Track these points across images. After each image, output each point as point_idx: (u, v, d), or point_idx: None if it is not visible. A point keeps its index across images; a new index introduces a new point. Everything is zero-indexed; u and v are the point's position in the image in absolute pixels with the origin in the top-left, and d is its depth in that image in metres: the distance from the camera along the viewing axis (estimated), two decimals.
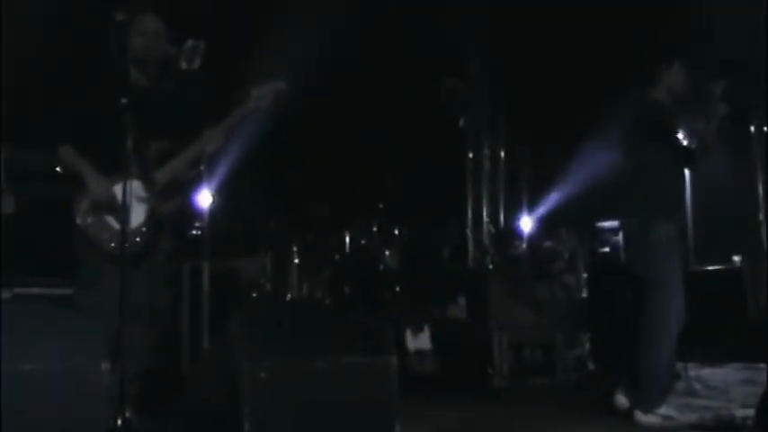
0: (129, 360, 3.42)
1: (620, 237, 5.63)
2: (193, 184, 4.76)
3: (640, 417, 4.87)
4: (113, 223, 4.10)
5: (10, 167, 5.54)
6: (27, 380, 2.89)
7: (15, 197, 5.48)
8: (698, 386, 5.88)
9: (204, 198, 6.71)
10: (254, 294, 6.97)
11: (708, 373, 6.26)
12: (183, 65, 4.14)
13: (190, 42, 4.10)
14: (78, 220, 4.11)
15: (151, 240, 4.15)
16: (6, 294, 5.03)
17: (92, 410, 2.96)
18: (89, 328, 3.12)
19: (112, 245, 4.06)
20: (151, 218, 4.15)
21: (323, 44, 7.92)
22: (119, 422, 3.41)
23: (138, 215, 4.12)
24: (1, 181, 5.55)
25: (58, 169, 4.42)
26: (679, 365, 5.62)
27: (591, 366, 7.08)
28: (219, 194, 6.85)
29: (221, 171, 7.05)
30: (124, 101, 3.76)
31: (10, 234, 5.35)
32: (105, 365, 2.95)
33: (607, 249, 7.57)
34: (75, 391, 2.95)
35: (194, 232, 6.78)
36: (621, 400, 5.04)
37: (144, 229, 4.12)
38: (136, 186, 4.11)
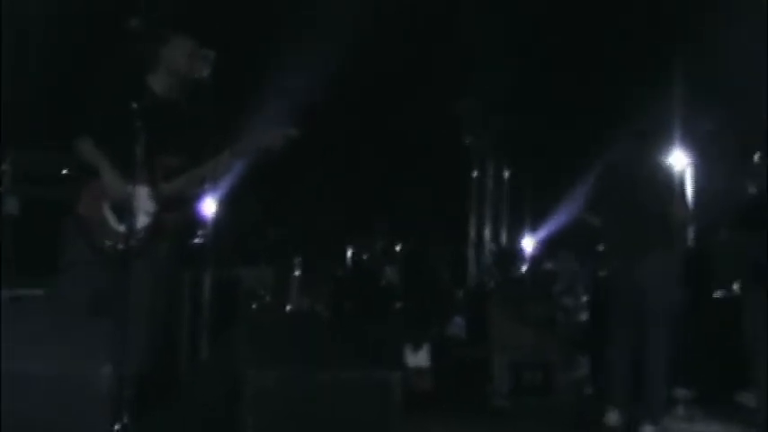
0: (127, 363, 3.40)
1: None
2: (196, 199, 4.75)
3: (648, 428, 4.92)
4: (112, 221, 4.10)
5: (16, 169, 5.54)
6: (27, 382, 2.86)
7: (19, 199, 5.48)
8: (698, 413, 5.86)
9: (208, 207, 6.70)
10: (254, 305, 6.95)
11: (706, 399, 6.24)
12: (194, 73, 4.16)
13: (201, 51, 4.12)
14: (80, 210, 4.10)
15: (148, 246, 4.13)
16: (7, 295, 5.02)
17: (91, 414, 2.93)
18: (90, 331, 3.10)
19: (108, 243, 4.05)
20: (152, 225, 4.14)
21: (329, 63, 7.96)
22: (117, 427, 3.39)
23: (140, 220, 4.12)
24: (5, 182, 5.55)
25: (64, 171, 4.42)
26: (679, 391, 5.62)
27: (589, 389, 7.06)
28: (223, 204, 6.84)
29: (226, 181, 7.04)
30: (135, 106, 3.76)
31: (13, 235, 5.34)
32: (105, 369, 2.93)
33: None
34: (75, 395, 2.92)
35: (196, 241, 6.77)
36: (613, 417, 5.06)
37: (142, 234, 4.11)
38: (143, 192, 4.12)
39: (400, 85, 9.05)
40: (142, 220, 4.12)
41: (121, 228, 4.07)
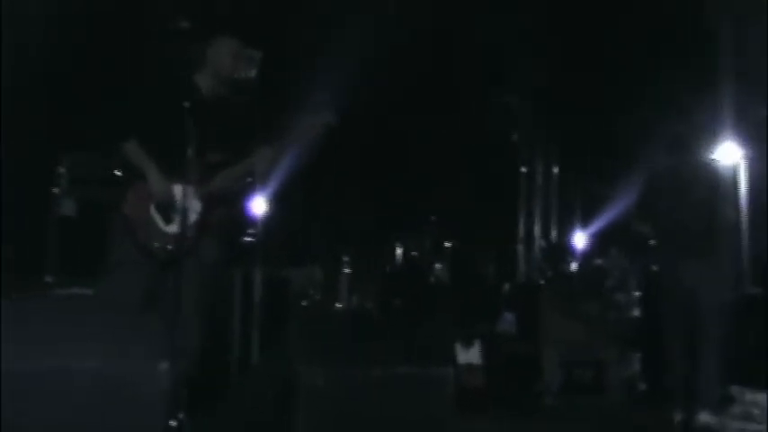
0: (180, 361, 3.43)
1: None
2: (241, 195, 4.78)
3: (707, 418, 4.88)
4: (159, 222, 4.14)
5: (71, 171, 5.65)
6: (83, 380, 2.90)
7: (75, 200, 5.58)
8: (755, 411, 5.75)
9: (258, 206, 6.76)
10: (304, 304, 6.99)
11: (764, 398, 6.12)
12: (241, 74, 4.19)
13: (247, 52, 4.15)
14: (126, 211, 4.15)
15: (195, 245, 4.16)
16: (62, 294, 5.13)
17: (147, 411, 2.97)
18: (145, 329, 3.14)
19: (156, 244, 4.09)
20: (198, 223, 4.17)
21: (373, 58, 7.96)
22: (172, 423, 3.44)
23: (186, 219, 4.15)
24: (62, 185, 5.66)
25: (116, 173, 4.47)
26: (735, 389, 5.54)
27: (642, 386, 6.98)
28: (273, 203, 6.89)
29: (275, 181, 7.09)
30: (187, 105, 3.81)
31: (71, 235, 5.45)
32: (161, 367, 2.97)
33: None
34: (131, 392, 2.96)
35: (247, 240, 6.83)
36: (706, 417, 5.04)
37: (189, 233, 4.14)
38: (188, 192, 4.16)
39: (448, 81, 9.02)
40: (189, 219, 4.16)
41: (168, 228, 4.13)
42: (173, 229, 4.13)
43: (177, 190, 4.13)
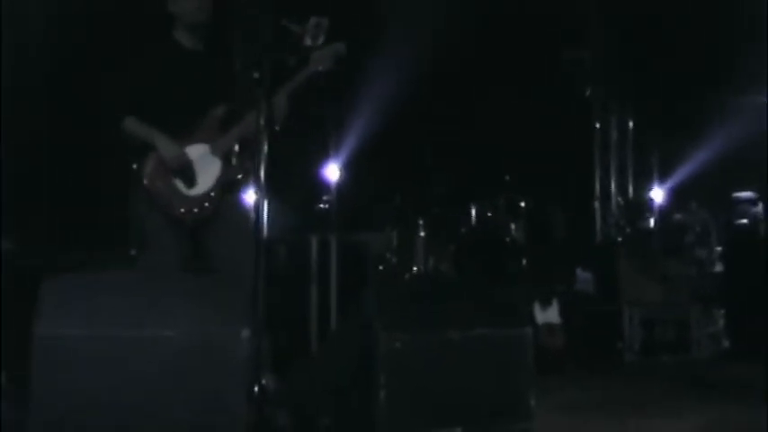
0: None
1: (760, 207, 5.48)
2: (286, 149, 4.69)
3: None
4: (182, 188, 4.13)
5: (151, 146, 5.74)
6: (167, 347, 2.96)
7: None
8: None
9: (332, 172, 6.80)
10: (381, 268, 7.02)
11: None
12: (308, 42, 4.16)
13: (313, 19, 4.12)
14: (146, 183, 4.15)
15: (222, 203, 4.12)
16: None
17: (231, 377, 3.02)
18: (230, 295, 3.19)
19: (182, 210, 4.08)
20: (220, 183, 4.12)
21: (441, 17, 7.87)
22: (256, 388, 3.51)
23: (206, 180, 4.15)
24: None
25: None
26: None
27: (726, 343, 6.85)
28: (347, 168, 6.92)
29: (348, 145, 7.13)
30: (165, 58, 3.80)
31: None
32: (245, 332, 3.02)
33: (745, 221, 7.28)
34: (215, 358, 3.02)
35: (322, 206, 6.88)
36: None
37: (212, 194, 4.13)
38: (203, 150, 4.13)
39: (518, 37, 8.89)
40: (206, 180, 4.15)
41: (191, 192, 4.13)
42: (196, 192, 4.12)
43: (193, 151, 4.11)
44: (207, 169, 4.11)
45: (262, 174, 3.23)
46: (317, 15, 4.13)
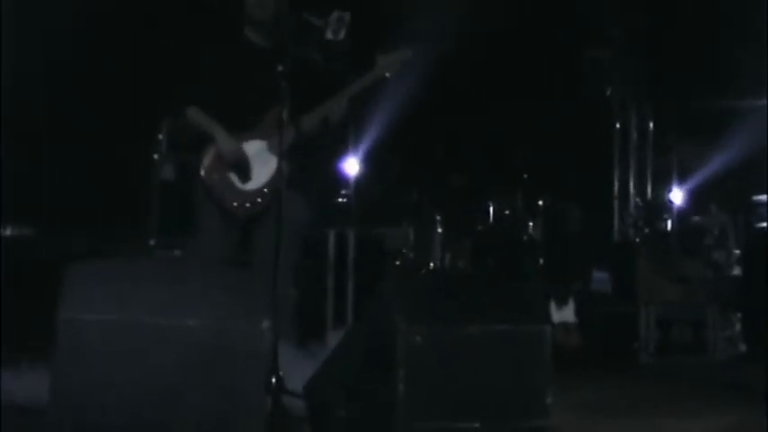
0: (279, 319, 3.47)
1: None
2: (324, 149, 4.76)
3: None
4: (237, 182, 4.17)
5: (170, 137, 5.80)
6: (186, 337, 2.98)
7: (175, 165, 5.74)
8: None
9: (351, 166, 6.81)
10: (398, 263, 7.03)
11: None
12: (330, 36, 4.18)
13: (335, 14, 4.13)
14: (203, 175, 4.19)
15: (276, 200, 4.16)
16: (162, 254, 5.30)
17: (248, 368, 3.04)
18: (250, 287, 3.22)
19: (234, 204, 4.12)
20: (274, 180, 4.15)
21: (462, 14, 7.86)
22: (273, 379, 3.53)
23: (260, 177, 4.16)
24: (162, 150, 5.82)
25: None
26: None
27: (742, 347, 6.82)
28: (365, 163, 6.93)
29: (367, 140, 7.12)
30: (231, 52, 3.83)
31: (171, 199, 5.62)
32: (264, 324, 3.04)
33: (764, 225, 7.24)
34: (233, 350, 3.03)
35: (340, 200, 6.90)
36: None
37: (266, 190, 4.15)
38: (261, 147, 4.15)
39: (539, 36, 8.87)
40: (260, 176, 4.17)
41: (246, 187, 4.16)
42: (250, 187, 4.15)
43: (251, 147, 4.14)
44: (263, 166, 4.16)
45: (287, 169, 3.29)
46: (339, 9, 4.16)
